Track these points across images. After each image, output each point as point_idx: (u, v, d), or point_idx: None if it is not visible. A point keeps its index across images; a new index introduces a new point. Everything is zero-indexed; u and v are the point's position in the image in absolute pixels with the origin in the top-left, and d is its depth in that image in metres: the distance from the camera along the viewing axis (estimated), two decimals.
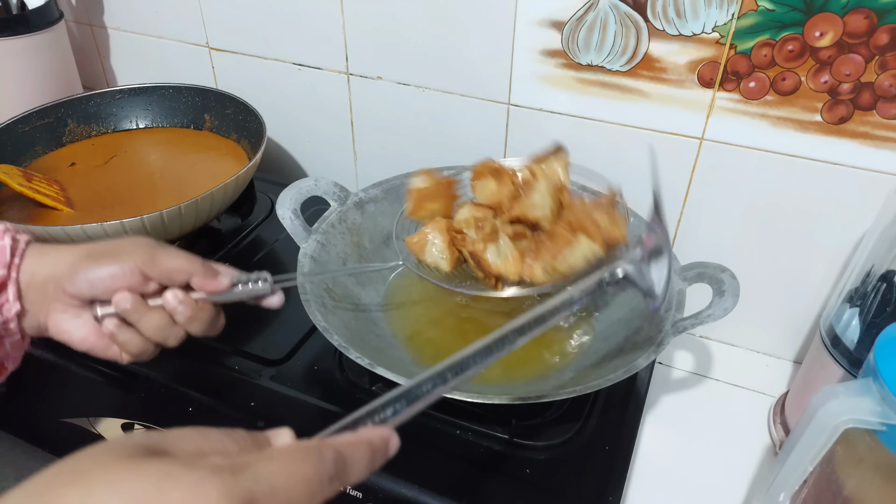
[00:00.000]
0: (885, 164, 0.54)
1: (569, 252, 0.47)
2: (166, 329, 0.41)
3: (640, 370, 0.46)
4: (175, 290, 0.41)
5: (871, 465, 0.40)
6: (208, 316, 0.43)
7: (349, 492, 0.46)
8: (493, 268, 0.49)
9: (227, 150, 0.75)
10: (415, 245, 0.52)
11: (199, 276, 0.41)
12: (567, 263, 0.47)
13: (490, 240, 0.49)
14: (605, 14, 0.57)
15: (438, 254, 0.51)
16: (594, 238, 0.46)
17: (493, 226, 0.49)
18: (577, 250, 0.47)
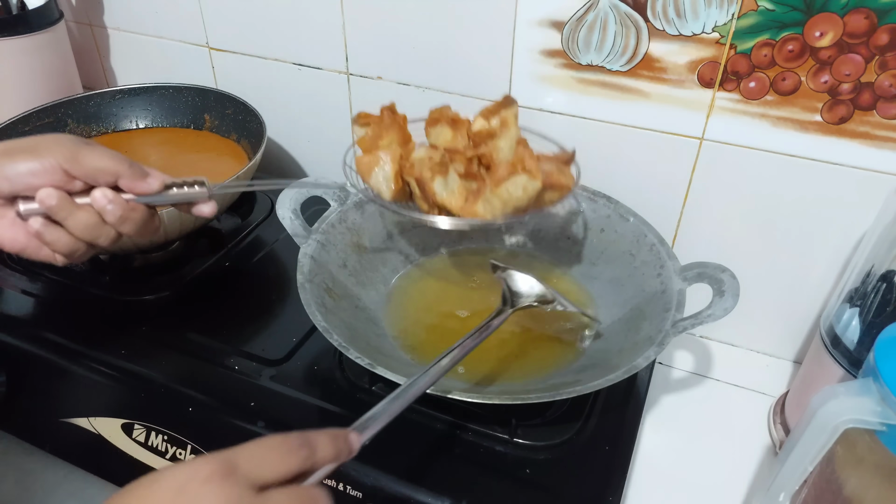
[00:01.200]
0: (885, 164, 0.54)
1: (508, 183, 0.47)
2: (96, 229, 0.40)
3: (640, 370, 0.46)
4: (104, 189, 0.40)
5: (871, 465, 0.40)
6: (141, 217, 0.42)
7: (349, 492, 0.46)
8: (438, 197, 0.49)
9: (227, 150, 0.75)
10: (363, 165, 0.51)
11: (126, 177, 0.40)
12: (506, 192, 0.47)
13: (439, 171, 0.49)
14: (605, 14, 0.57)
15: (384, 180, 0.50)
16: (534, 175, 0.47)
17: (444, 159, 0.49)
18: (516, 181, 0.47)
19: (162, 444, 0.52)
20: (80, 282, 0.63)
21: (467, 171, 0.50)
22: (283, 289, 0.63)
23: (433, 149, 0.51)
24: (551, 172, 0.50)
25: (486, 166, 0.51)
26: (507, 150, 0.50)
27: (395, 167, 0.50)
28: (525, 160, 0.48)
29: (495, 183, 0.48)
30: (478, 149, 0.51)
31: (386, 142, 0.51)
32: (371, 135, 0.51)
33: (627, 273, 0.58)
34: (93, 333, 0.58)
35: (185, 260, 0.66)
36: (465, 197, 0.50)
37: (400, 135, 0.52)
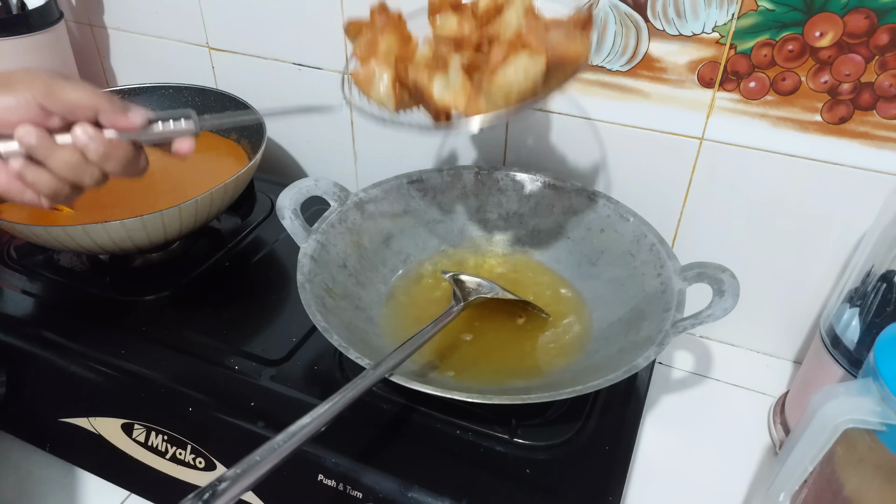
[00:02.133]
0: (885, 164, 0.54)
1: (507, 67, 0.41)
2: (79, 167, 0.39)
3: (640, 370, 0.46)
4: (84, 126, 0.38)
5: (871, 465, 0.40)
6: (125, 154, 0.40)
7: (349, 492, 0.46)
8: (438, 100, 0.44)
9: (227, 150, 0.75)
10: (362, 79, 0.46)
11: (106, 112, 0.39)
12: (504, 79, 0.41)
13: (437, 67, 0.44)
14: (604, 14, 0.57)
15: (384, 90, 0.46)
16: (535, 50, 0.40)
17: (441, 54, 0.44)
18: (516, 63, 0.41)
19: (162, 444, 0.52)
20: (80, 282, 0.63)
21: (471, 63, 0.43)
22: (283, 289, 0.63)
23: (437, 43, 0.45)
24: (558, 44, 0.42)
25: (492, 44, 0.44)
26: (514, 24, 0.43)
27: (391, 74, 0.45)
28: (523, 34, 0.41)
29: (491, 70, 0.41)
30: (485, 30, 0.44)
31: (384, 47, 0.46)
32: (366, 42, 0.46)
33: (627, 273, 0.58)
34: (93, 333, 0.58)
35: (185, 260, 0.66)
36: (469, 93, 0.43)
37: (398, 35, 0.46)
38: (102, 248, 0.58)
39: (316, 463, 0.47)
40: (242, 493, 0.35)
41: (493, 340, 0.56)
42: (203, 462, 0.51)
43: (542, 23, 0.43)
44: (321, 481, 0.47)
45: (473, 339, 0.56)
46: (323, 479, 0.47)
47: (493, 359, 0.54)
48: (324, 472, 0.47)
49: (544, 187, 0.64)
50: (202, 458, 0.51)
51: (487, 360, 0.54)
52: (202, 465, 0.51)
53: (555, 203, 0.64)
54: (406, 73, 0.45)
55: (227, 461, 0.50)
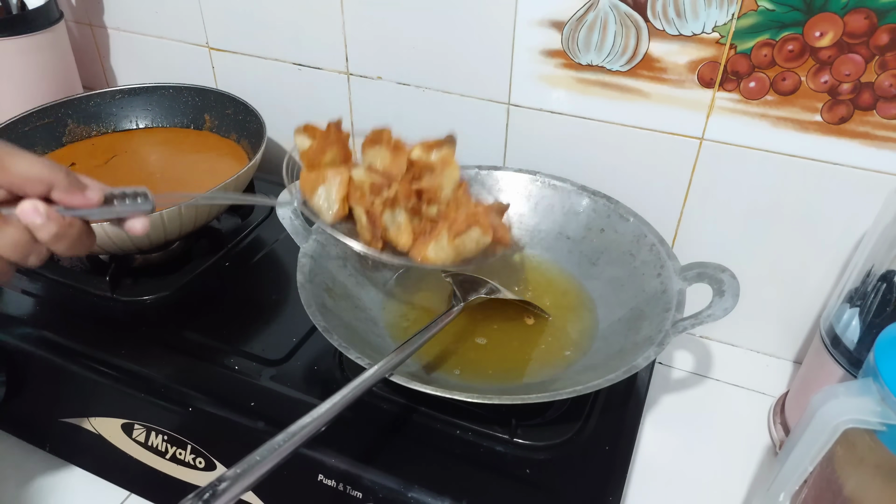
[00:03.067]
0: (885, 164, 0.54)
1: (465, 236, 0.49)
2: (25, 247, 0.35)
3: (640, 370, 0.46)
4: (35, 202, 0.35)
5: (871, 465, 0.40)
6: (77, 234, 0.37)
7: (349, 492, 0.46)
8: (387, 233, 0.49)
9: (227, 150, 0.75)
10: (308, 181, 0.50)
11: (61, 188, 0.35)
12: (461, 244, 0.49)
13: (391, 205, 0.49)
14: (605, 14, 0.57)
15: (327, 202, 0.49)
16: (486, 230, 0.50)
17: (397, 192, 0.49)
18: (472, 235, 0.49)
19: (162, 444, 0.52)
20: (80, 282, 0.63)
21: (413, 208, 0.50)
22: (283, 289, 0.63)
23: (372, 171, 0.50)
24: (497, 227, 0.52)
25: (428, 202, 0.51)
26: (447, 190, 0.51)
27: (342, 191, 0.49)
28: (479, 215, 0.50)
29: (453, 234, 0.49)
30: (419, 182, 0.51)
31: (328, 158, 0.51)
32: (315, 148, 0.50)
33: (627, 273, 0.58)
34: (93, 333, 0.57)
35: (185, 260, 0.66)
36: (413, 235, 0.50)
37: (342, 152, 0.51)
38: (102, 248, 0.58)
39: (316, 463, 0.47)
40: (242, 493, 0.35)
41: (493, 340, 0.56)
42: (203, 462, 0.51)
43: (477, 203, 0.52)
44: (321, 481, 0.47)
45: (475, 338, 0.56)
46: (323, 479, 0.47)
47: (493, 358, 0.54)
48: (324, 472, 0.47)
49: (544, 187, 0.64)
50: (202, 458, 0.51)
51: (489, 360, 0.54)
52: (202, 465, 0.51)
53: (555, 203, 0.64)
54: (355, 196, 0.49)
55: (227, 461, 0.50)
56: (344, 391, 0.42)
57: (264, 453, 0.36)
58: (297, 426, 0.38)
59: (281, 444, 0.37)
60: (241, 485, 0.34)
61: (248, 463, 0.35)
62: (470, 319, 0.58)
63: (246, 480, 0.35)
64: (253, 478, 0.35)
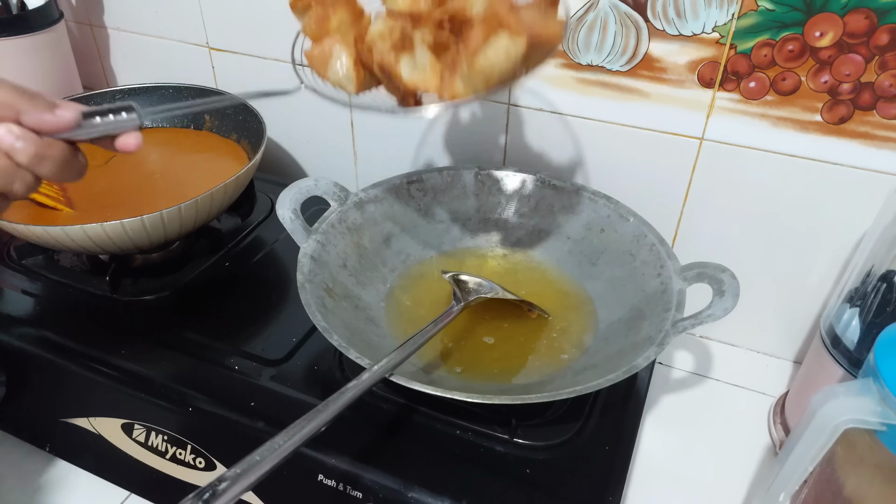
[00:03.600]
0: (885, 164, 0.54)
1: (487, 49, 0.39)
2: (8, 173, 0.35)
3: (640, 370, 0.46)
4: (8, 125, 0.34)
5: (871, 465, 0.40)
6: (60, 154, 0.36)
7: (349, 492, 0.46)
8: (409, 81, 0.41)
9: (227, 150, 0.75)
10: (316, 59, 0.43)
11: (28, 111, 0.34)
12: (486, 62, 0.40)
13: (402, 48, 0.41)
14: (605, 14, 0.57)
15: (344, 73, 0.42)
16: (514, 31, 0.39)
17: (406, 31, 0.41)
18: (496, 45, 0.39)
19: (162, 444, 0.52)
20: (80, 282, 0.63)
21: (437, 42, 0.41)
22: (283, 289, 0.63)
23: (392, 17, 0.42)
24: (534, 22, 0.40)
25: (462, 23, 0.42)
26: (479, 6, 0.41)
27: (351, 54, 0.42)
28: (500, 15, 0.39)
29: (471, 52, 0.39)
30: (445, 5, 0.41)
31: (335, 22, 0.43)
32: (316, 18, 0.43)
33: (627, 273, 0.58)
34: (93, 333, 0.58)
35: (185, 260, 0.66)
36: (441, 73, 0.41)
37: (349, 8, 0.43)
38: (102, 248, 0.58)
39: (316, 463, 0.47)
40: (242, 493, 0.35)
41: (492, 340, 0.56)
42: (203, 462, 0.51)
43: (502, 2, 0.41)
44: (321, 481, 0.47)
45: (478, 337, 0.56)
46: (323, 479, 0.47)
47: (494, 358, 0.54)
48: (324, 472, 0.47)
49: (544, 187, 0.64)
50: (202, 458, 0.51)
51: (490, 359, 0.54)
52: (202, 465, 0.51)
53: (555, 203, 0.64)
54: (366, 52, 0.42)
55: (227, 461, 0.50)
56: (344, 391, 0.42)
57: (264, 453, 0.36)
58: (297, 426, 0.38)
59: (281, 444, 0.37)
60: (241, 485, 0.34)
61: (248, 463, 0.35)
62: (470, 319, 0.58)
63: (246, 480, 0.35)
64: (253, 478, 0.35)
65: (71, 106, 0.36)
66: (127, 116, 0.36)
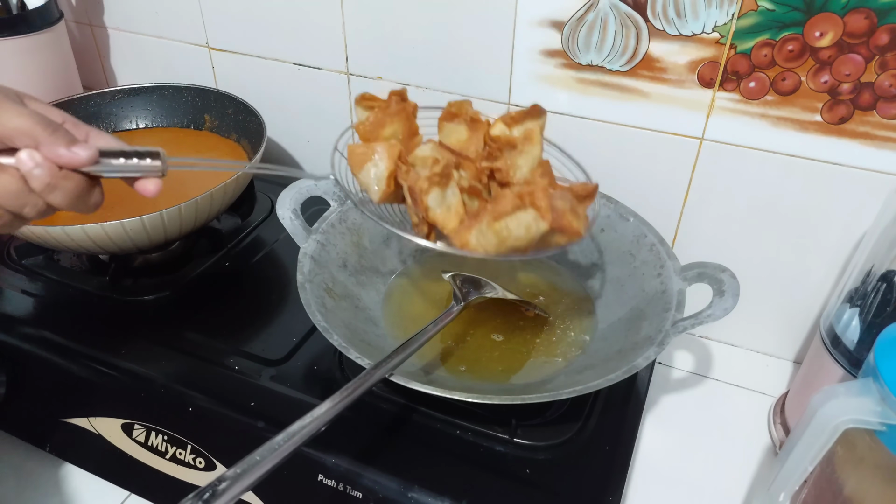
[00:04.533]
0: (885, 164, 0.54)
1: (510, 218, 0.40)
2: (20, 196, 0.35)
3: (640, 370, 0.46)
4: (31, 151, 0.35)
5: (871, 465, 0.40)
6: (75, 187, 0.36)
7: (349, 492, 0.46)
8: (430, 213, 0.42)
9: (227, 150, 0.75)
10: (357, 155, 0.44)
11: (46, 144, 0.35)
12: (505, 228, 0.41)
13: (439, 182, 0.42)
14: (605, 14, 0.57)
15: (375, 178, 0.44)
16: (543, 213, 0.40)
17: (448, 168, 0.42)
18: (520, 217, 0.40)
19: (162, 444, 0.52)
20: (80, 282, 0.63)
21: (471, 187, 0.43)
22: (283, 289, 0.63)
23: (442, 148, 0.44)
24: (563, 212, 0.42)
25: (500, 183, 0.45)
26: (525, 170, 0.44)
27: (390, 166, 0.44)
28: (535, 193, 0.40)
29: (494, 216, 0.41)
30: (492, 161, 0.44)
31: (389, 131, 0.45)
32: (373, 121, 0.45)
33: (627, 273, 0.58)
34: (93, 333, 0.58)
35: (185, 260, 0.66)
36: (462, 218, 0.43)
37: (406, 126, 0.45)
38: (102, 248, 0.58)
39: (316, 463, 0.47)
40: (242, 493, 0.35)
41: (492, 339, 0.56)
42: (203, 462, 0.51)
43: (549, 182, 0.43)
44: (321, 481, 0.47)
45: (476, 337, 0.56)
46: (323, 479, 0.47)
47: (494, 357, 0.54)
48: (324, 472, 0.47)
49: None
50: (202, 458, 0.51)
51: (490, 359, 0.54)
52: (202, 465, 0.51)
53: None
54: (402, 172, 0.44)
55: (227, 461, 0.50)
56: (344, 391, 0.42)
57: (264, 453, 0.36)
58: (297, 426, 0.38)
59: (281, 444, 0.37)
60: (241, 485, 0.34)
61: (248, 463, 0.35)
62: (470, 319, 0.58)
63: (246, 480, 0.35)
64: (253, 478, 0.35)
65: (93, 141, 0.37)
66: (150, 163, 0.37)
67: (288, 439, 0.37)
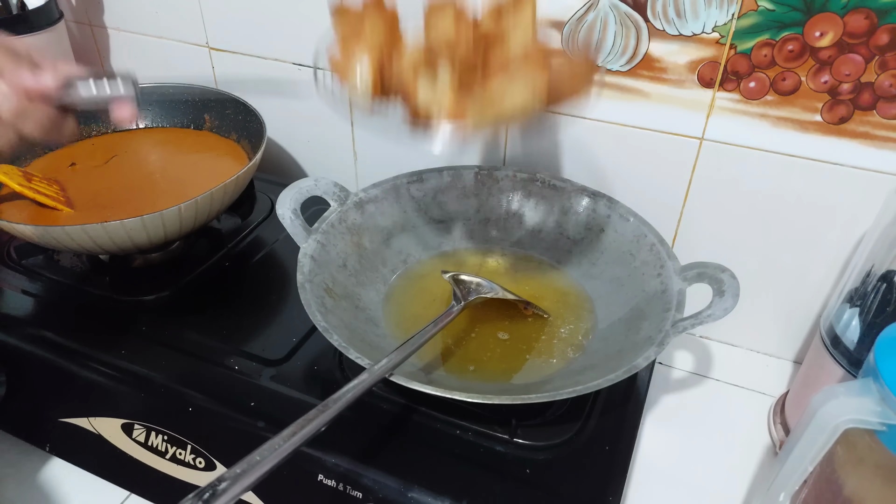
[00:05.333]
0: (885, 164, 0.54)
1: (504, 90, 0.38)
2: None
3: (640, 370, 0.46)
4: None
5: (871, 465, 0.40)
6: (44, 115, 0.36)
7: (349, 492, 0.46)
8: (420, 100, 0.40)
9: (227, 150, 0.75)
10: (339, 62, 0.42)
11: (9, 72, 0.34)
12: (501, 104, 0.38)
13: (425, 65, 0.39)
14: (605, 14, 0.57)
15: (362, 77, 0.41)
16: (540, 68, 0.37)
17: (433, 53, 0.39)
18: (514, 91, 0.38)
19: (162, 444, 0.52)
20: (80, 282, 0.63)
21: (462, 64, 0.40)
22: (283, 289, 0.63)
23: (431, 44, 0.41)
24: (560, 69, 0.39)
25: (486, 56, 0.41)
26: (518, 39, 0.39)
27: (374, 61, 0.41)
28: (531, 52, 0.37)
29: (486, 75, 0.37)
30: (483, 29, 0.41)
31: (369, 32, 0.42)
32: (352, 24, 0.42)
33: (627, 273, 0.58)
34: (93, 333, 0.58)
35: (185, 260, 0.66)
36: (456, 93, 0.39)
37: (387, 28, 0.42)
38: (102, 248, 0.58)
39: (316, 463, 0.47)
40: (242, 493, 0.35)
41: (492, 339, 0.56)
42: (203, 462, 0.51)
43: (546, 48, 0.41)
44: (321, 481, 0.47)
45: (474, 337, 0.56)
46: (323, 479, 0.47)
47: (494, 357, 0.54)
48: (324, 472, 0.47)
49: (544, 187, 0.64)
50: (202, 458, 0.51)
51: (490, 359, 0.54)
52: (202, 465, 0.51)
53: (555, 203, 0.64)
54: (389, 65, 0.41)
55: (227, 461, 0.50)
56: (344, 391, 0.42)
57: (264, 453, 0.36)
58: (296, 426, 0.38)
59: (281, 444, 0.37)
60: (241, 485, 0.34)
61: (248, 463, 0.35)
62: (470, 319, 0.58)
63: (246, 480, 0.35)
64: (253, 478, 0.35)
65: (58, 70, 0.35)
66: (122, 88, 0.36)
67: (288, 439, 0.37)
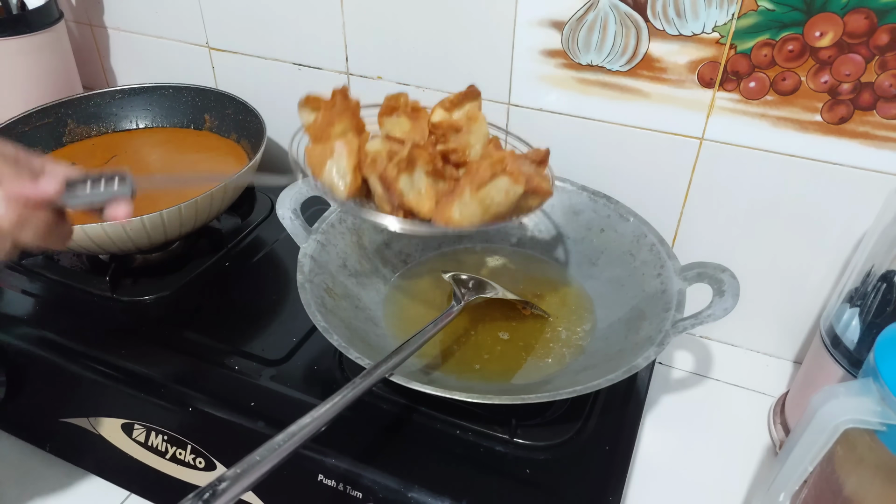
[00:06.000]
0: (885, 164, 0.54)
1: (491, 186, 0.43)
2: None
3: (640, 370, 0.46)
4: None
5: (871, 465, 0.40)
6: (44, 222, 0.35)
7: (349, 492, 0.46)
8: (405, 198, 0.44)
9: (227, 150, 0.75)
10: (315, 156, 0.45)
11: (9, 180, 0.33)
12: (487, 197, 0.43)
13: (406, 168, 0.43)
14: (605, 14, 0.57)
15: (339, 175, 0.45)
16: (516, 178, 0.43)
17: (412, 154, 0.44)
18: (499, 184, 0.43)
19: (162, 444, 0.52)
20: (80, 282, 0.63)
21: (434, 169, 0.45)
22: (283, 289, 0.63)
23: (391, 140, 0.46)
24: (531, 176, 0.46)
25: (457, 164, 0.46)
26: (478, 147, 0.46)
27: (352, 160, 0.45)
28: (507, 161, 0.43)
29: (476, 186, 0.43)
30: (445, 143, 0.46)
31: (339, 129, 0.46)
32: (321, 121, 0.46)
33: (627, 273, 0.58)
34: (93, 333, 0.58)
35: (185, 260, 0.66)
36: (436, 199, 0.45)
37: (353, 122, 0.47)
38: (102, 248, 0.58)
39: (316, 463, 0.47)
40: (242, 493, 0.35)
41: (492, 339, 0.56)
42: (203, 462, 0.51)
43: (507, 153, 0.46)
44: (321, 481, 0.47)
45: (474, 337, 0.56)
46: (323, 479, 0.47)
47: (495, 357, 0.54)
48: (324, 472, 0.47)
49: None
50: (202, 458, 0.51)
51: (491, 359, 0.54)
52: (202, 465, 0.51)
53: (555, 203, 0.64)
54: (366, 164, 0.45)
55: (227, 461, 0.50)
56: (344, 391, 0.42)
57: (264, 453, 0.36)
58: (297, 426, 0.38)
59: (281, 444, 0.37)
60: (241, 485, 0.34)
61: (248, 463, 0.35)
62: (470, 319, 0.58)
63: (246, 480, 0.35)
64: (253, 478, 0.35)
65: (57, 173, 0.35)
66: (117, 187, 0.35)
67: (288, 439, 0.37)
